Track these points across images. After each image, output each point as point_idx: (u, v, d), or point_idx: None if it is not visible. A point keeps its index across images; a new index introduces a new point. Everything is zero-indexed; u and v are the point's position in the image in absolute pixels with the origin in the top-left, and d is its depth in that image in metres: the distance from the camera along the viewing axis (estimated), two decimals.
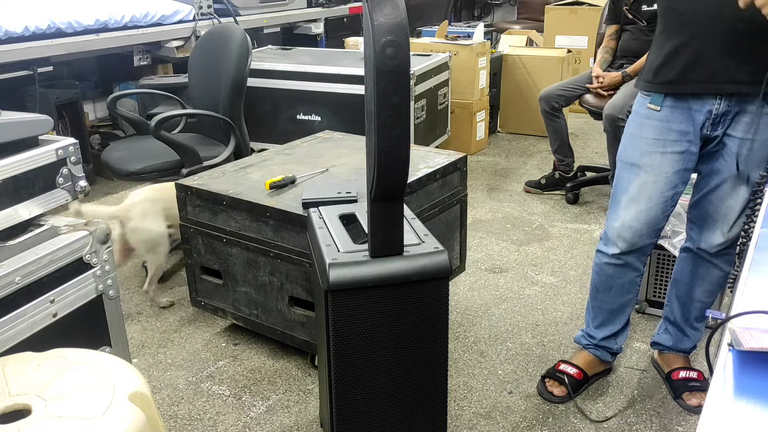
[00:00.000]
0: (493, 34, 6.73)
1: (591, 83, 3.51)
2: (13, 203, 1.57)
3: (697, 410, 2.00)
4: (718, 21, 1.63)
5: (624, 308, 2.07)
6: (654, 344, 2.20)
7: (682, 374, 2.08)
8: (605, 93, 3.42)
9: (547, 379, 2.13)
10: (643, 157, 1.84)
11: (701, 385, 2.04)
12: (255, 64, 3.68)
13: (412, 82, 3.61)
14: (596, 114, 3.44)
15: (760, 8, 1.48)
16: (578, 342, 2.19)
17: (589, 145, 4.60)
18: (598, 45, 3.68)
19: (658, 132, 1.81)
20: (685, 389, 2.05)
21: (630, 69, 3.38)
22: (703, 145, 1.82)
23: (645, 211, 1.86)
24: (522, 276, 2.86)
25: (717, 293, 2.05)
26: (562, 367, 2.14)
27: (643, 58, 3.39)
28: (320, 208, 1.73)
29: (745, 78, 1.67)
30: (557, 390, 2.09)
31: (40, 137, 1.65)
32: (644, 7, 3.37)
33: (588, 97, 3.52)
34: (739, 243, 1.79)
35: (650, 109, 1.82)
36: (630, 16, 3.40)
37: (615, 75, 3.40)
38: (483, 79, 4.44)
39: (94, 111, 4.62)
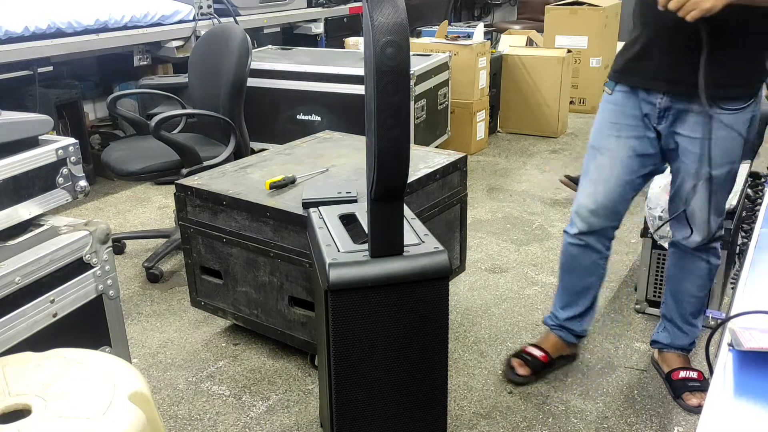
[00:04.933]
0: (493, 34, 6.73)
1: None
2: (13, 203, 1.57)
3: (697, 410, 2.01)
4: (664, 20, 1.64)
5: (587, 290, 2.12)
6: (653, 342, 2.21)
7: (682, 374, 2.08)
8: None
9: (513, 359, 2.18)
10: (601, 140, 1.92)
11: (701, 385, 2.04)
12: (255, 64, 3.68)
13: (412, 82, 3.61)
14: None
15: (674, 11, 1.54)
16: (546, 323, 2.25)
17: None
18: None
19: (615, 116, 1.88)
20: (685, 389, 2.05)
21: None
22: (658, 140, 1.87)
23: (602, 193, 1.92)
24: (522, 276, 2.86)
25: (708, 287, 2.05)
26: (529, 349, 2.20)
27: None
28: (320, 208, 1.73)
29: (686, 78, 1.70)
30: (522, 370, 2.14)
31: (40, 137, 1.65)
32: None
33: None
34: (739, 243, 1.80)
35: (606, 93, 1.91)
36: None
37: None
38: (483, 79, 4.44)
39: (94, 111, 4.62)
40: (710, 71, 1.64)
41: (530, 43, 5.56)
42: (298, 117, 3.85)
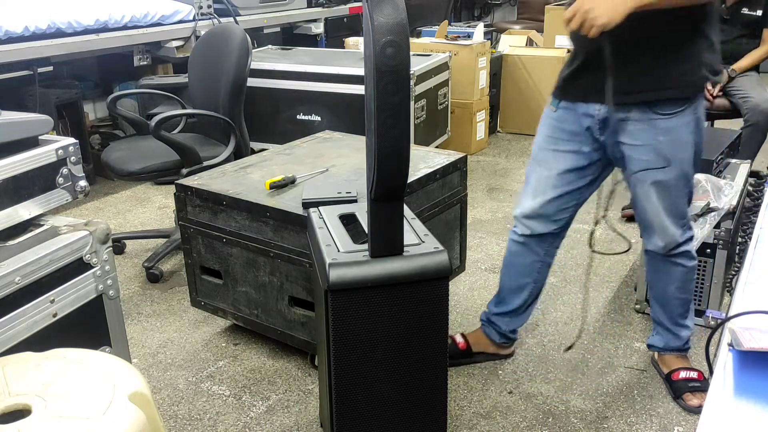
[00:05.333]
0: (493, 34, 6.73)
1: None
2: (13, 203, 1.57)
3: (698, 410, 2.00)
4: (587, 36, 1.66)
5: (520, 290, 2.15)
6: (649, 346, 2.22)
7: (683, 374, 2.08)
8: (713, 97, 3.41)
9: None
10: (540, 153, 1.99)
11: (701, 385, 2.04)
12: (255, 64, 3.68)
13: (412, 82, 3.61)
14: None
15: (576, 30, 1.61)
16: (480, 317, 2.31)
17: None
18: None
19: (552, 130, 1.95)
20: (685, 390, 2.05)
21: (737, 66, 3.38)
22: (604, 152, 1.92)
23: (540, 203, 2.00)
24: None
25: (689, 287, 2.04)
26: (456, 335, 2.28)
27: (750, 55, 3.41)
28: (320, 208, 1.73)
29: (621, 89, 1.73)
30: None
31: (40, 137, 1.65)
32: (745, 10, 3.37)
33: None
34: (739, 243, 1.80)
35: (550, 109, 1.97)
36: (726, 16, 3.39)
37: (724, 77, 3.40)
38: (483, 79, 4.44)
39: (94, 111, 4.62)
40: (632, 79, 1.72)
41: (530, 43, 5.56)
42: (298, 117, 3.85)
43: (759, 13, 3.36)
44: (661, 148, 1.80)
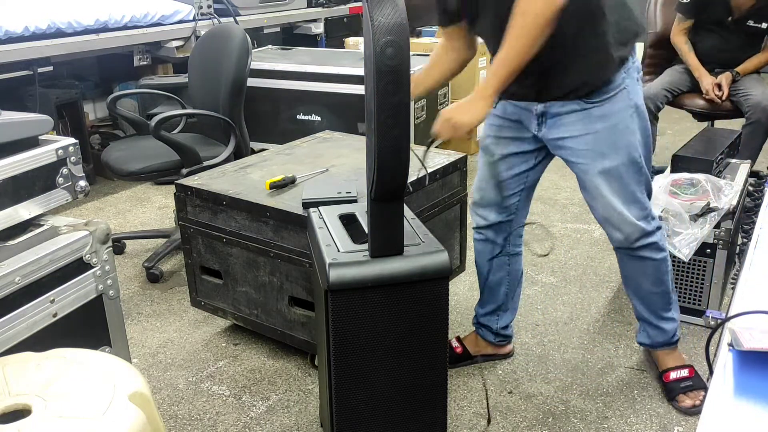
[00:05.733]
0: None
1: (688, 84, 3.51)
2: (13, 203, 1.57)
3: (692, 411, 2.00)
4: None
5: (497, 286, 2.18)
6: (639, 344, 2.20)
7: (673, 375, 2.06)
8: (721, 100, 3.42)
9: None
10: (486, 140, 2.04)
11: (693, 383, 2.03)
12: (255, 64, 3.68)
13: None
14: (703, 116, 3.53)
15: (448, 139, 1.71)
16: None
17: None
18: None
19: (494, 119, 2.01)
20: (678, 391, 2.04)
21: (741, 69, 3.41)
22: (546, 147, 1.94)
23: (487, 189, 2.05)
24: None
25: (665, 280, 2.00)
26: (452, 339, 2.29)
27: (754, 58, 3.44)
28: (320, 208, 1.73)
29: (550, 87, 1.79)
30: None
31: (40, 137, 1.66)
32: (750, 23, 3.38)
33: (698, 100, 3.50)
34: (739, 243, 1.80)
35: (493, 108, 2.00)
36: (731, 27, 3.41)
37: (728, 79, 3.40)
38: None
39: (94, 111, 4.62)
40: (551, 81, 1.77)
41: None
42: (298, 117, 3.85)
43: (764, 26, 3.37)
44: (600, 136, 1.80)
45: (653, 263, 1.95)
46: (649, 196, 1.92)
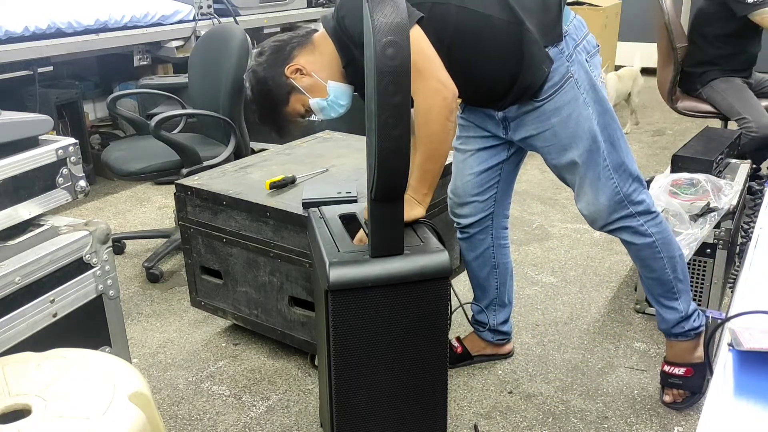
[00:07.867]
0: None
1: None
2: (13, 203, 1.57)
3: (671, 406, 2.04)
4: None
5: (487, 281, 2.19)
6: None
7: (666, 368, 2.06)
8: None
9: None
10: (457, 140, 2.07)
11: (682, 383, 2.02)
12: None
13: None
14: None
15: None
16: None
17: None
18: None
19: (463, 121, 2.04)
20: (664, 383, 2.07)
21: None
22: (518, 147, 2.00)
23: (461, 186, 2.07)
24: (522, 276, 2.86)
25: (656, 267, 1.96)
26: (452, 339, 2.29)
27: None
28: (320, 208, 1.73)
29: (503, 96, 1.83)
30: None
31: (40, 137, 1.66)
32: None
33: None
34: (739, 243, 1.79)
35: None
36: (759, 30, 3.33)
37: None
38: None
39: (94, 111, 4.62)
40: (490, 99, 1.85)
41: None
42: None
43: None
44: (557, 129, 1.82)
45: (635, 247, 1.94)
46: (631, 176, 1.87)
